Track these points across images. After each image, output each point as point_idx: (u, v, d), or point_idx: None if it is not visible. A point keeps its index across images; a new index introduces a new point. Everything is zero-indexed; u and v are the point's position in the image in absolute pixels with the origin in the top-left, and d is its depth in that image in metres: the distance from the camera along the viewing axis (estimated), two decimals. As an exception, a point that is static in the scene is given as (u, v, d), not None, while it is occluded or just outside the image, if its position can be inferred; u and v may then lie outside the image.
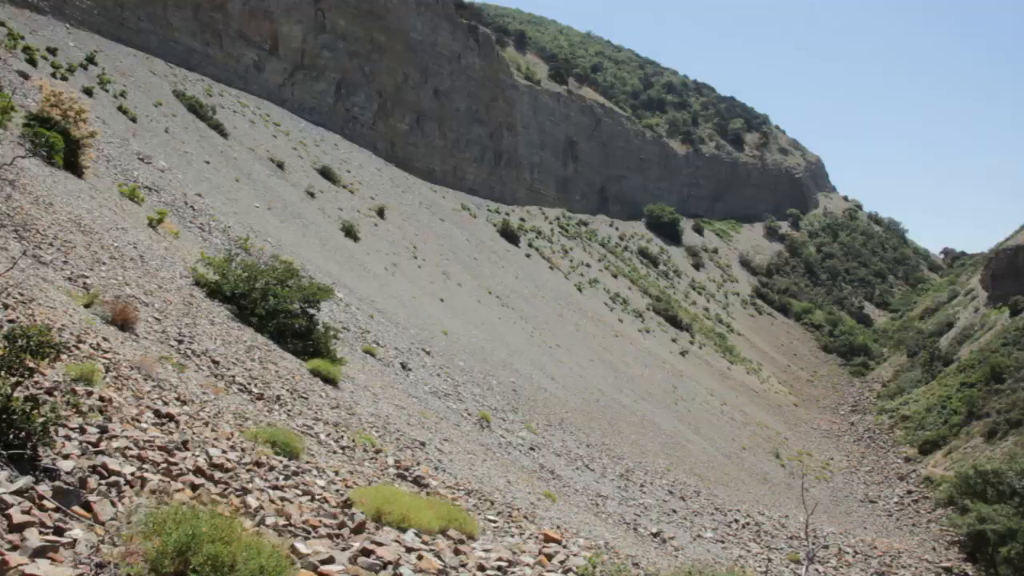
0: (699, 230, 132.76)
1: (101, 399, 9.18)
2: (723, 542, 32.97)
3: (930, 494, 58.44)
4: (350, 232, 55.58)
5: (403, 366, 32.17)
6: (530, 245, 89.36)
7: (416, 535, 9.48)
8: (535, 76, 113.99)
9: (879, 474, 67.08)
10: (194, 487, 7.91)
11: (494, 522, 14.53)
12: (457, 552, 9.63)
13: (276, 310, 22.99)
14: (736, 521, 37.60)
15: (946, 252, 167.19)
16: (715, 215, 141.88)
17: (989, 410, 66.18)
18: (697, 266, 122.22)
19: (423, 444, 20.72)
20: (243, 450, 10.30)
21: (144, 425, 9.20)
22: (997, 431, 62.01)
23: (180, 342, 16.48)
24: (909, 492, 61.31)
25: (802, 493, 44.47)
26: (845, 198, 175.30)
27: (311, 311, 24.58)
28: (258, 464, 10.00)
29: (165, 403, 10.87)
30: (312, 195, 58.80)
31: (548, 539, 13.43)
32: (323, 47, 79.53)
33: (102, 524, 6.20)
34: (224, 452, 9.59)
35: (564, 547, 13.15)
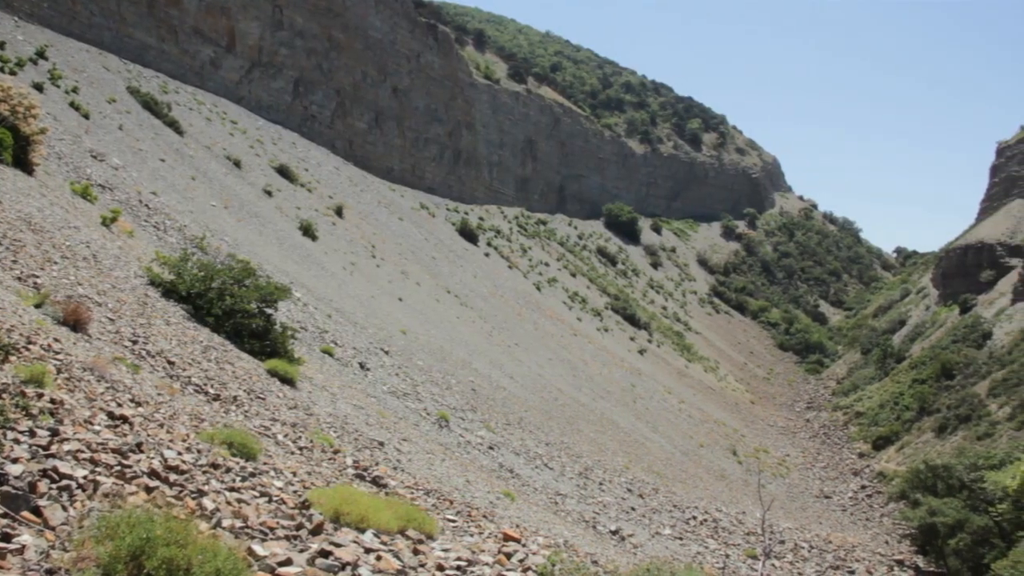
0: (657, 229, 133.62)
1: (52, 401, 9.00)
2: (681, 539, 33.20)
3: (883, 489, 59.41)
4: (308, 231, 55.16)
5: (361, 366, 31.98)
6: (489, 244, 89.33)
7: (375, 535, 9.42)
8: (494, 75, 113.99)
9: (834, 470, 68.03)
10: (148, 490, 7.77)
11: (453, 522, 14.49)
12: (416, 552, 9.58)
13: (233, 310, 22.73)
14: (694, 518, 37.89)
15: (899, 251, 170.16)
16: (673, 214, 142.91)
17: (939, 406, 67.44)
18: (655, 265, 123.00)
19: (382, 444, 20.62)
20: (199, 452, 10.16)
21: (97, 427, 9.03)
22: (947, 426, 63.18)
23: (134, 343, 16.23)
24: (863, 487, 62.26)
25: (759, 489, 45.09)
26: (801, 198, 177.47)
27: (268, 311, 24.33)
28: (214, 466, 9.87)
29: (119, 405, 10.69)
30: (269, 194, 58.28)
31: (507, 538, 13.41)
32: (281, 44, 78.82)
33: (52, 529, 6.07)
34: (179, 454, 9.45)
35: (523, 546, 13.15)
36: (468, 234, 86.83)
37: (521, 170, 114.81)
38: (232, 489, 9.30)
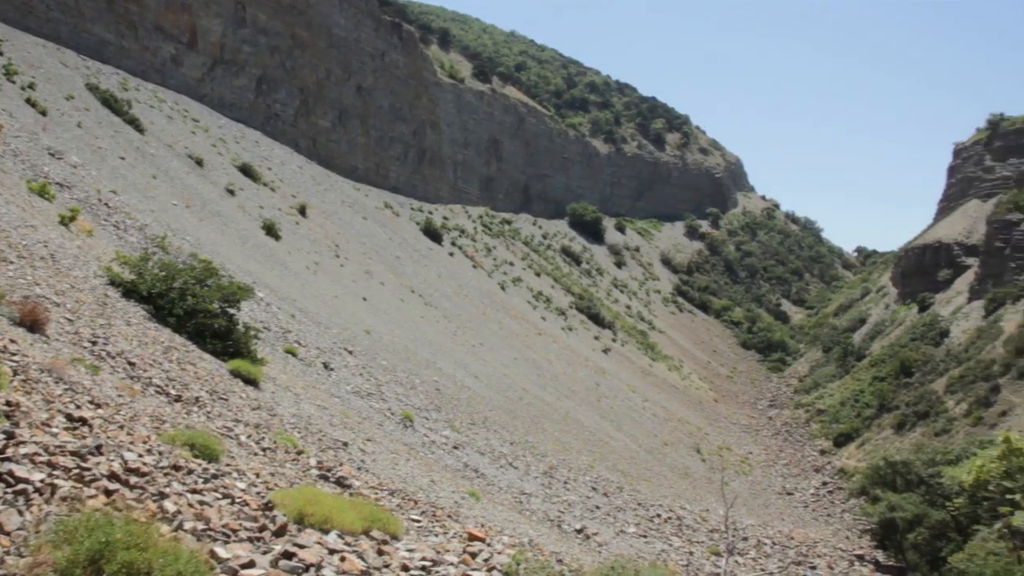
0: (621, 229, 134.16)
1: (8, 403, 8.85)
2: (646, 537, 33.37)
3: (844, 485, 60.17)
4: (271, 230, 54.74)
5: (325, 366, 31.81)
6: (453, 244, 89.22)
7: (339, 536, 9.38)
8: (459, 74, 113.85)
9: (796, 467, 68.75)
10: (108, 493, 7.67)
11: (418, 522, 14.46)
12: (380, 552, 9.55)
13: (195, 310, 22.49)
14: (658, 516, 38.11)
15: (859, 251, 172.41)
16: (637, 214, 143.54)
17: (899, 403, 68.43)
18: (619, 264, 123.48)
19: (346, 444, 20.52)
20: (160, 453, 10.05)
21: (55, 430, 8.90)
22: (906, 423, 64.11)
23: (94, 343, 16.01)
24: (824, 483, 63.01)
25: (722, 487, 45.40)
26: (763, 197, 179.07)
27: (231, 311, 24.11)
28: (176, 467, 9.76)
29: (78, 407, 10.54)
30: (232, 193, 57.76)
31: (472, 538, 13.42)
32: (243, 42, 78.11)
33: (8, 535, 5.97)
34: (140, 456, 9.34)
35: (488, 545, 13.15)
36: (432, 234, 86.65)
37: (485, 170, 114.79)
38: (194, 491, 9.21)
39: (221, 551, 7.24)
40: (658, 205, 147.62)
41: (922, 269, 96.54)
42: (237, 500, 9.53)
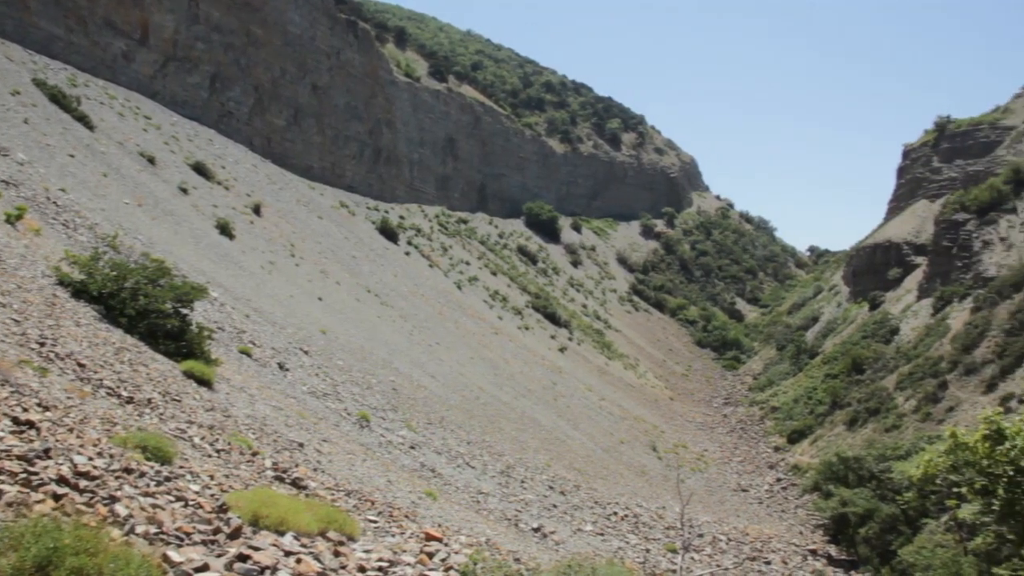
0: (577, 228, 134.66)
1: (-47, 406, 8.67)
2: (603, 535, 33.56)
3: (797, 481, 60.92)
4: (225, 230, 54.16)
5: (280, 366, 31.56)
6: (409, 243, 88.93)
7: (295, 538, 9.32)
8: (415, 73, 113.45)
9: (750, 464, 69.49)
10: (57, 497, 7.54)
11: (375, 522, 14.41)
12: (337, 554, 9.51)
13: (147, 310, 22.20)
14: (615, 514, 38.34)
15: (812, 250, 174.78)
16: (593, 213, 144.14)
17: (850, 400, 69.45)
18: (575, 264, 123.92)
19: (301, 445, 20.38)
20: (111, 456, 9.89)
21: (0, 434, 8.73)
22: (857, 419, 65.09)
23: (42, 345, 15.73)
24: (778, 480, 63.75)
25: (678, 484, 45.80)
26: (718, 197, 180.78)
27: (184, 311, 23.83)
28: (128, 470, 9.62)
29: (24, 409, 10.34)
30: (185, 191, 57.03)
31: (429, 538, 13.41)
32: (196, 39, 77.12)
33: (-47, 541, 5.84)
34: (90, 459, 9.19)
35: (445, 545, 13.15)
36: (388, 233, 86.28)
37: (442, 169, 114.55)
38: (146, 494, 9.08)
39: (174, 555, 7.15)
40: (614, 204, 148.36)
41: (873, 268, 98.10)
42: (191, 503, 9.42)
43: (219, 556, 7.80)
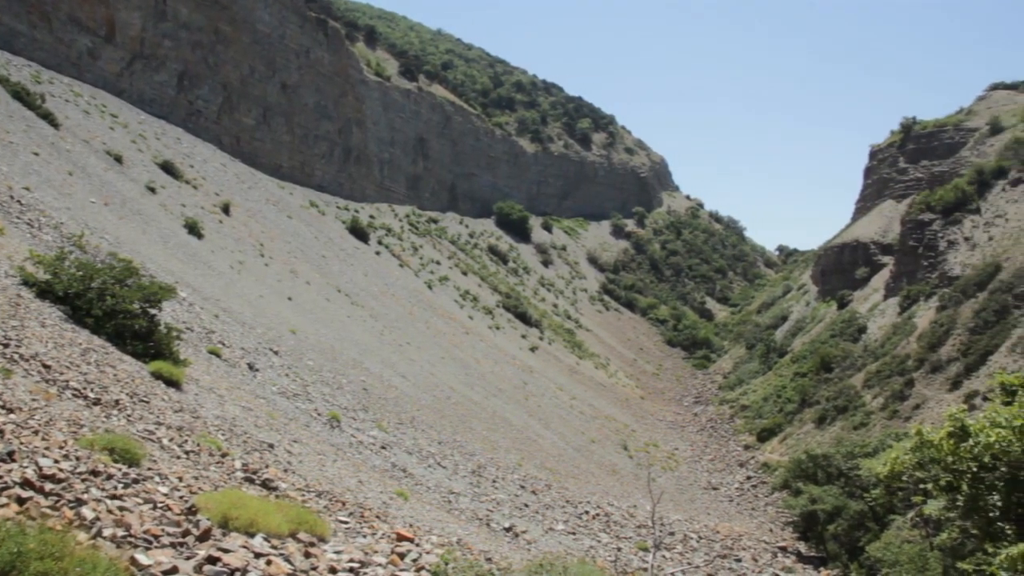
0: (548, 228, 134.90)
1: (-84, 409, 8.53)
2: (574, 534, 33.63)
3: (767, 479, 61.40)
4: (193, 229, 53.71)
5: (250, 367, 31.34)
6: (380, 243, 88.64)
7: (265, 540, 9.26)
8: (385, 72, 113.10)
9: (721, 462, 69.92)
10: (21, 501, 7.44)
11: (346, 523, 14.36)
12: (308, 555, 9.46)
13: (114, 310, 21.93)
14: (587, 513, 38.44)
15: (781, 249, 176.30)
16: (563, 213, 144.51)
17: (819, 398, 70.10)
18: (546, 263, 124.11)
19: (271, 446, 20.25)
20: (78, 459, 9.78)
21: (-35, 436, 8.61)
22: (826, 417, 65.72)
23: (6, 346, 15.51)
24: (748, 478, 64.20)
25: (649, 483, 45.98)
26: (688, 197, 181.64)
27: (152, 311, 23.57)
28: (94, 473, 9.52)
29: (-10, 411, 10.20)
30: (153, 190, 56.48)
31: (401, 538, 13.39)
32: (164, 36, 76.39)
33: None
34: (56, 462, 9.08)
35: (417, 545, 13.14)
36: (359, 232, 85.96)
37: (412, 168, 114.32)
38: (114, 497, 8.99)
39: (142, 558, 7.09)
40: (584, 204, 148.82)
41: (841, 267, 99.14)
42: (159, 505, 9.34)
43: (188, 559, 7.74)
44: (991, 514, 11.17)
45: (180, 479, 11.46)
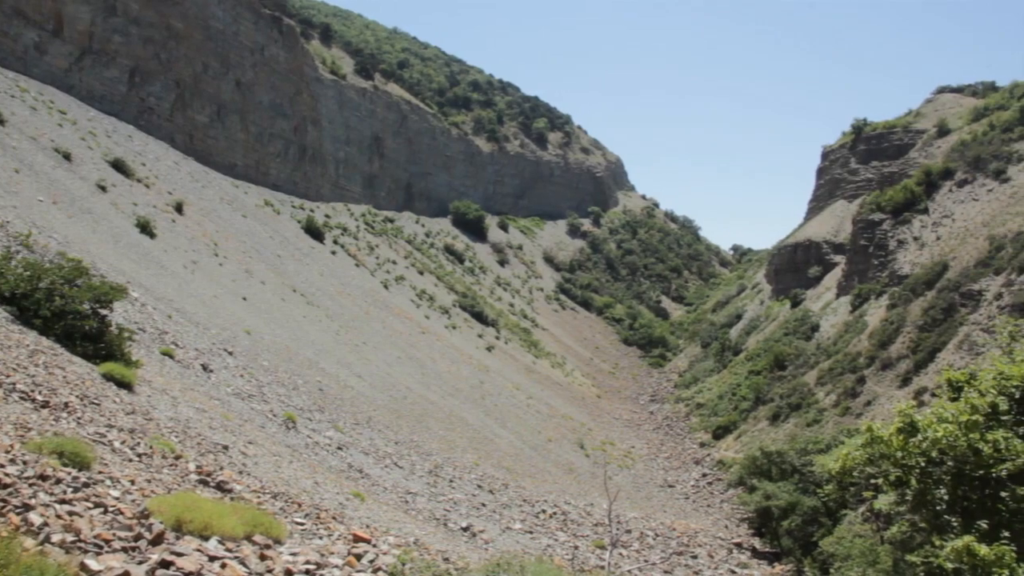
0: (504, 227, 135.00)
1: None
2: (532, 532, 33.71)
3: (722, 476, 62.02)
4: (146, 228, 52.95)
5: (204, 367, 31.00)
6: (335, 242, 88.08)
7: (219, 543, 9.17)
8: (340, 71, 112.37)
9: (677, 459, 70.45)
10: (-34, 507, 7.30)
11: (302, 524, 14.28)
12: (263, 557, 9.39)
13: (63, 311, 21.57)
14: (544, 511, 38.56)
15: (735, 248, 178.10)
16: (520, 212, 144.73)
17: (773, 395, 70.90)
18: (502, 262, 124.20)
19: (226, 448, 20.06)
20: (25, 463, 9.61)
21: (-91, 440, 8.41)
22: (780, 414, 66.49)
23: (-48, 347, 15.20)
24: (704, 475, 64.78)
25: (605, 481, 46.22)
26: (643, 197, 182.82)
27: (103, 312, 23.23)
28: (43, 477, 9.35)
29: (-65, 415, 9.99)
30: (103, 189, 55.57)
31: (357, 539, 13.34)
32: (114, 31, 75.17)
33: None
34: (2, 466, 8.91)
35: (374, 546, 13.10)
36: (314, 232, 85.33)
37: (368, 167, 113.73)
38: (63, 501, 8.84)
39: (92, 563, 6.98)
40: (540, 204, 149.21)
41: (794, 266, 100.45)
42: (110, 509, 9.20)
43: (140, 563, 7.64)
44: (938, 508, 11.40)
45: (132, 482, 11.31)
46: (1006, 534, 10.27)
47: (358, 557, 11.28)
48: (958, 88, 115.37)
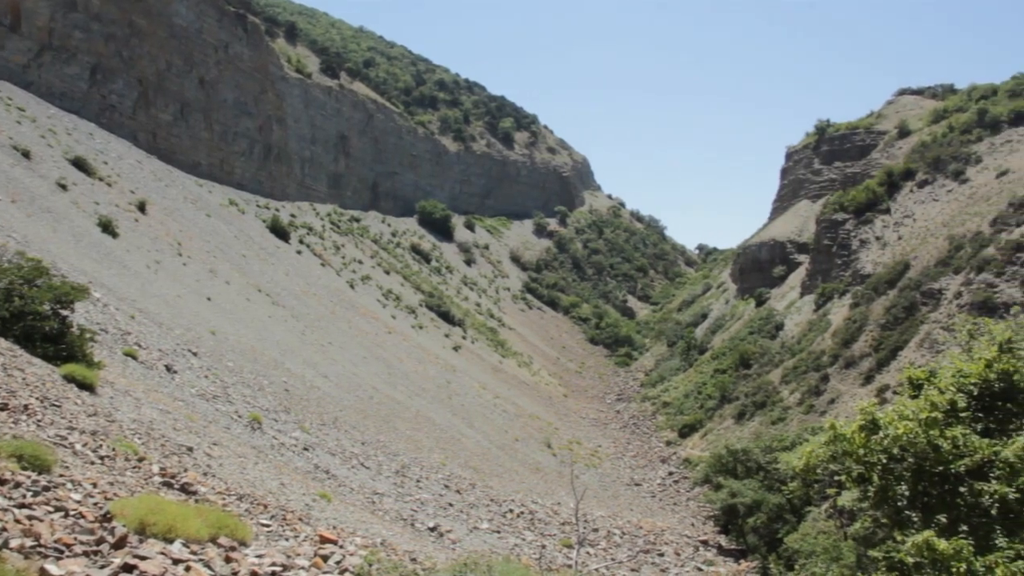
0: (471, 227, 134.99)
1: None
2: (499, 532, 33.74)
3: (688, 474, 62.40)
4: (108, 228, 52.29)
5: (168, 368, 30.70)
6: (301, 242, 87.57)
7: (184, 545, 9.10)
8: (306, 69, 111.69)
9: (643, 458, 70.78)
10: (-77, 511, 7.18)
11: (268, 526, 14.19)
12: (228, 560, 9.33)
13: (23, 312, 21.26)
14: (511, 511, 38.61)
15: (701, 248, 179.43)
16: (486, 212, 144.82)
17: (738, 394, 71.50)
18: (469, 262, 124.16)
19: (191, 449, 19.88)
20: (-16, 466, 9.46)
21: None
22: (745, 413, 67.06)
23: (-92, 349, 14.94)
24: (670, 473, 65.15)
25: (572, 480, 46.39)
26: (609, 196, 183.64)
27: (64, 312, 22.93)
28: (1, 481, 9.22)
29: None
30: (64, 187, 54.82)
31: (324, 540, 13.29)
32: (75, 27, 74.14)
33: None
34: (-39, 470, 8.77)
35: (340, 547, 13.06)
36: (279, 231, 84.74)
37: (334, 166, 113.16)
38: (22, 505, 8.72)
39: (53, 568, 6.90)
40: (507, 203, 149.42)
41: (758, 266, 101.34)
42: (72, 513, 9.08)
43: (103, 567, 7.56)
44: (899, 503, 11.55)
45: (94, 485, 11.18)
46: (964, 528, 10.45)
47: (324, 558, 11.24)
48: (918, 90, 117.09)
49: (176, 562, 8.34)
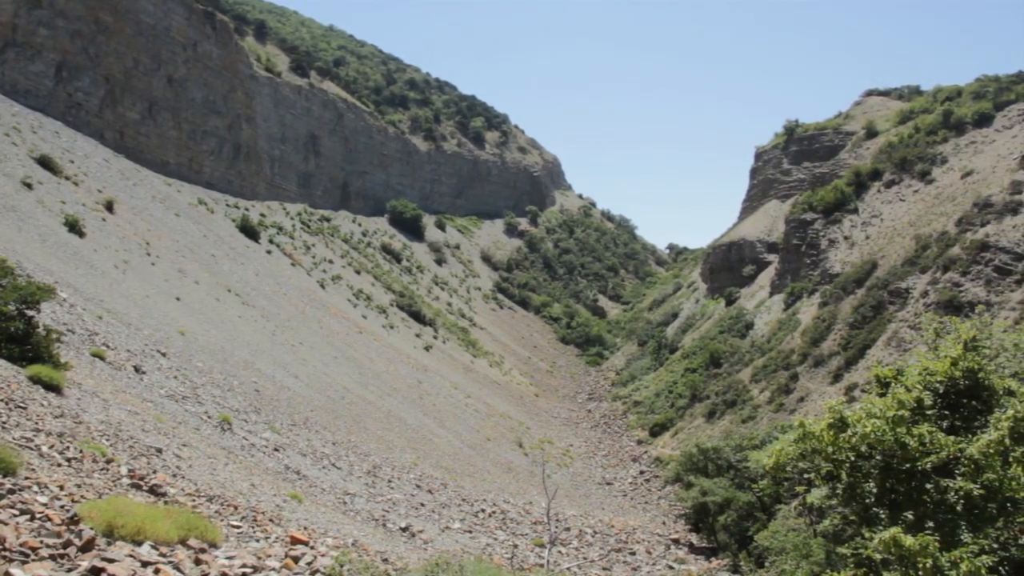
0: (441, 226, 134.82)
1: None
2: (471, 532, 33.71)
3: (660, 473, 62.69)
4: (74, 227, 51.70)
5: (136, 369, 30.40)
6: (271, 241, 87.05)
7: (153, 547, 9.02)
8: (276, 68, 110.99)
9: (615, 457, 71.01)
10: None
11: (238, 527, 14.10)
12: (198, 562, 9.27)
13: (-13, 312, 21.01)
14: (483, 511, 38.58)
15: (671, 247, 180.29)
16: (457, 211, 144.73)
17: (709, 393, 71.92)
18: (440, 262, 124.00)
19: (160, 451, 19.71)
20: (-51, 469, 9.33)
21: None
22: (716, 411, 67.47)
23: None
24: (641, 472, 65.41)
25: (544, 480, 46.35)
26: (580, 196, 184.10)
27: (29, 313, 22.65)
28: (-33, 484, 9.10)
29: None
30: (29, 186, 54.14)
31: (295, 541, 13.24)
32: (39, 24, 73.19)
33: None
34: (-76, 473, 8.65)
35: (311, 548, 13.02)
36: (249, 231, 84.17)
37: (304, 166, 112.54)
38: (-12, 508, 8.61)
39: (18, 572, 6.83)
40: (478, 203, 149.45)
41: (728, 265, 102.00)
42: (38, 516, 8.98)
43: (70, 571, 7.48)
44: (867, 500, 11.68)
45: (61, 488, 11.05)
46: (930, 524, 10.59)
47: (296, 559, 11.19)
48: (885, 91, 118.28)
49: (145, 564, 8.27)
